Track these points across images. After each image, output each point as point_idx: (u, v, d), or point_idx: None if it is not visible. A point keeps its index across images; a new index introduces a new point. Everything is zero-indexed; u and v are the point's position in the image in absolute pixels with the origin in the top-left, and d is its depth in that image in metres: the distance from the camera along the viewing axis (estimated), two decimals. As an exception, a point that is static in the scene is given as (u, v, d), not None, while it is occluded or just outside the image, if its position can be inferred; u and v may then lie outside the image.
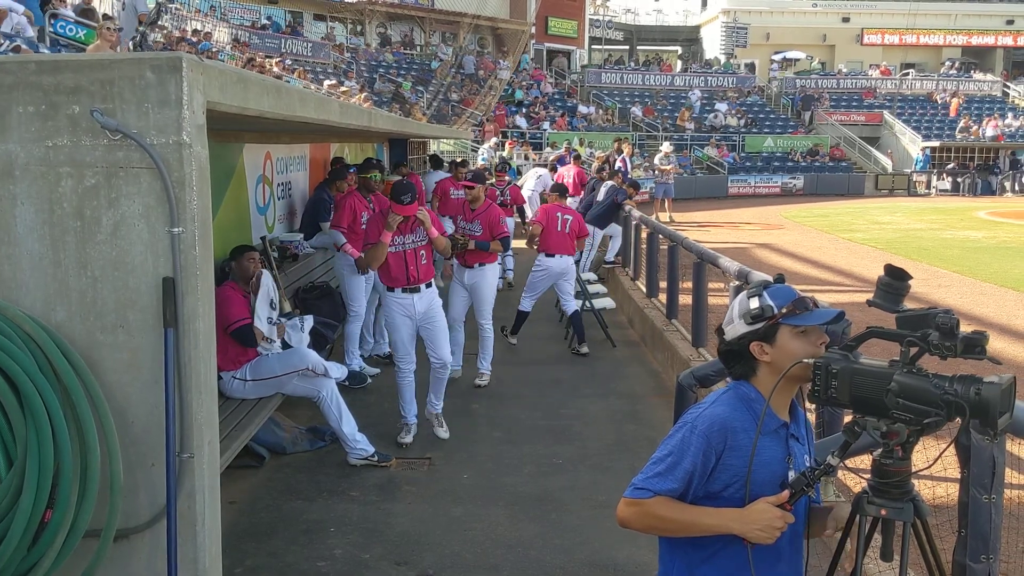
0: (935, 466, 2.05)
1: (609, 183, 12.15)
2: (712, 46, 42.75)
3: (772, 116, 35.32)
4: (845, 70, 39.46)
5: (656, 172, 21.43)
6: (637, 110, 32.87)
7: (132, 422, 3.00)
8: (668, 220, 18.93)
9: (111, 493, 2.90)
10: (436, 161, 14.71)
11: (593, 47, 43.22)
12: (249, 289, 5.29)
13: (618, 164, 17.25)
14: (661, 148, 22.14)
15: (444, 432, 6.05)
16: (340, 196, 7.60)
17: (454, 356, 7.57)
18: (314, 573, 4.21)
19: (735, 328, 2.14)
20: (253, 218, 7.22)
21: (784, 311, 2.07)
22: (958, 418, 1.86)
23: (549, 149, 25.88)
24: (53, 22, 12.71)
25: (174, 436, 2.95)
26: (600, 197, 12.07)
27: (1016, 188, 32.02)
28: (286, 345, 5.53)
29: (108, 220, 2.95)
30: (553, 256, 8.36)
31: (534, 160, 23.88)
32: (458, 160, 12.59)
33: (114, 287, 2.98)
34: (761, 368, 2.13)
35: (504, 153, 22.63)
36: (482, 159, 20.70)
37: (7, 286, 2.99)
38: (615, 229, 12.24)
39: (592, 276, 11.16)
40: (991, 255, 15.27)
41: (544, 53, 37.12)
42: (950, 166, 32.71)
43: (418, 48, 33.52)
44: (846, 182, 31.18)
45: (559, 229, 8.35)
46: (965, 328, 1.86)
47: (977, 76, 39.15)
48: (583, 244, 9.23)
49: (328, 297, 7.28)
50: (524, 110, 30.55)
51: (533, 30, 35.87)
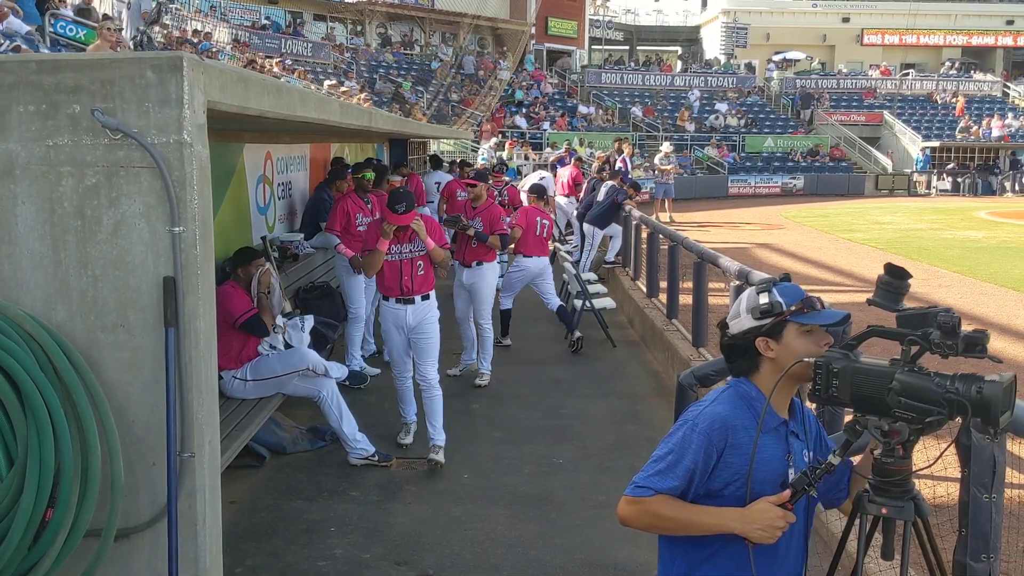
0: (936, 465, 2.06)
1: (609, 183, 12.16)
2: (712, 46, 42.73)
3: (772, 116, 35.32)
4: (845, 70, 39.46)
5: (656, 172, 21.42)
6: (637, 110, 32.87)
7: (133, 421, 3.00)
8: (668, 220, 18.91)
9: (112, 492, 2.90)
10: (436, 161, 14.72)
11: (593, 47, 43.21)
12: (251, 293, 5.29)
13: (618, 164, 17.25)
14: (661, 148, 22.12)
15: (436, 456, 5.49)
16: (338, 197, 7.60)
17: (466, 351, 7.63)
18: (314, 573, 4.21)
19: (741, 323, 2.15)
20: (253, 218, 7.23)
21: (793, 309, 2.08)
22: (959, 417, 1.86)
23: (549, 149, 25.86)
24: (53, 22, 12.69)
25: (175, 435, 2.95)
26: (600, 197, 12.07)
27: (1016, 188, 32.02)
28: (287, 345, 5.53)
29: (109, 219, 2.95)
30: (531, 257, 8.55)
31: (534, 160, 23.89)
32: (458, 160, 12.59)
33: (115, 286, 2.97)
34: (764, 364, 2.14)
35: (504, 154, 22.62)
36: (482, 159, 20.70)
37: (8, 285, 2.99)
38: (615, 229, 12.24)
39: (592, 276, 11.16)
40: (991, 255, 15.27)
41: (544, 53, 37.12)
42: (950, 166, 32.71)
43: (418, 48, 33.52)
44: (846, 182, 31.17)
45: (537, 233, 8.55)
46: (965, 327, 1.86)
47: (977, 76, 39.15)
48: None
49: (328, 297, 7.29)
50: (524, 110, 30.55)
51: (533, 30, 35.88)
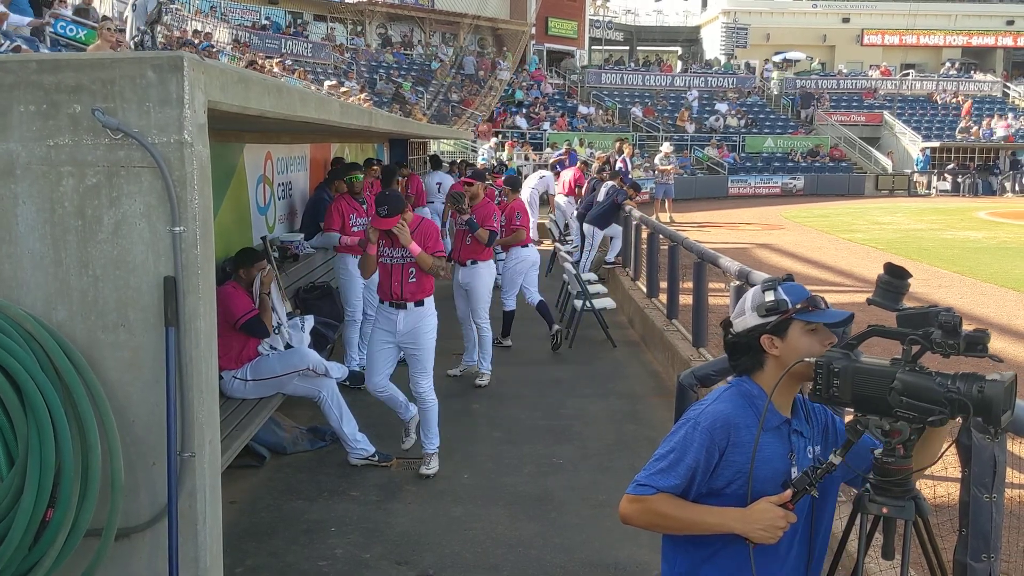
0: (936, 465, 2.06)
1: (609, 183, 12.15)
2: (712, 47, 42.74)
3: (772, 116, 35.32)
4: (845, 70, 39.46)
5: (656, 172, 21.41)
6: (637, 110, 32.86)
7: (133, 421, 3.00)
8: (668, 220, 18.91)
9: (112, 492, 2.90)
10: (436, 161, 14.73)
11: (593, 48, 43.21)
12: (253, 294, 5.29)
13: (619, 165, 17.26)
14: (661, 148, 22.12)
15: (428, 470, 5.38)
16: (336, 197, 7.60)
17: (467, 352, 7.64)
18: (315, 573, 4.21)
19: (745, 320, 2.16)
20: (254, 218, 7.23)
21: (799, 306, 2.09)
22: (960, 416, 1.86)
23: (549, 150, 25.86)
24: (53, 22, 12.69)
25: (175, 435, 2.95)
26: (600, 198, 12.07)
27: (1016, 188, 32.00)
28: (287, 345, 5.53)
29: (109, 219, 2.95)
30: (527, 247, 8.65)
31: (534, 161, 23.88)
32: (459, 161, 12.59)
33: (115, 286, 2.97)
34: (768, 363, 2.14)
35: (504, 154, 22.62)
36: (482, 159, 20.71)
37: (8, 285, 2.99)
38: (615, 230, 12.24)
39: (592, 276, 11.15)
40: (991, 255, 15.26)
41: (544, 54, 37.12)
42: (950, 166, 32.71)
43: (418, 48, 33.53)
44: (846, 182, 31.16)
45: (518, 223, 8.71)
46: (966, 327, 1.86)
47: (977, 77, 39.15)
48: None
49: (328, 297, 7.30)
50: (524, 110, 30.55)
51: (533, 31, 35.88)
